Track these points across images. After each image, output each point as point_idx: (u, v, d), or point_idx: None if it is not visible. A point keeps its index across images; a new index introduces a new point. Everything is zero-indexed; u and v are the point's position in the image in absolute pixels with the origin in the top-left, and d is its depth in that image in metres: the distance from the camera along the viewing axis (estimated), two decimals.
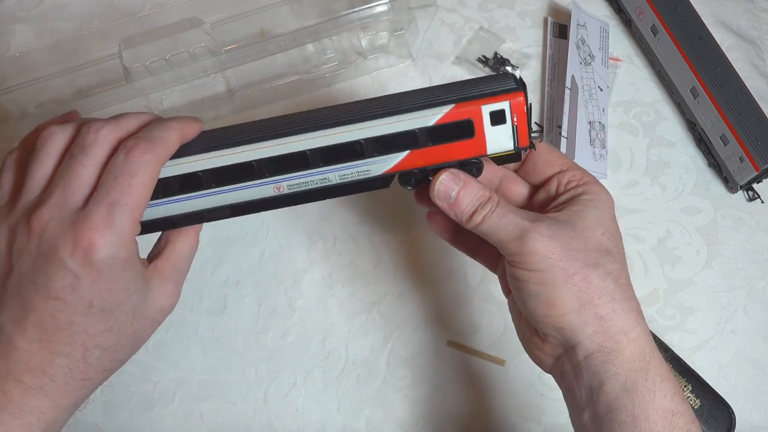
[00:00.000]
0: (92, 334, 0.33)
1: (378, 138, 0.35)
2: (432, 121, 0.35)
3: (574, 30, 0.60)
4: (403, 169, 0.36)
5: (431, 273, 0.54)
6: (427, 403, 0.51)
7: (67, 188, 0.33)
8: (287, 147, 0.35)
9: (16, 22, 0.62)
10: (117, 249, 0.32)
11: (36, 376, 0.32)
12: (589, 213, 0.36)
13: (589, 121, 0.57)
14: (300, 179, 0.36)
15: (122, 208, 0.32)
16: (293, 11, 0.57)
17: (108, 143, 0.33)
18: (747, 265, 0.56)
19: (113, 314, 0.33)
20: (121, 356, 0.35)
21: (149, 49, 0.52)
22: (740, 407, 0.51)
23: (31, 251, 0.32)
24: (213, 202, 0.37)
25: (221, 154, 0.36)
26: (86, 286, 0.32)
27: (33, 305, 0.32)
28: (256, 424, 0.50)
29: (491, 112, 0.36)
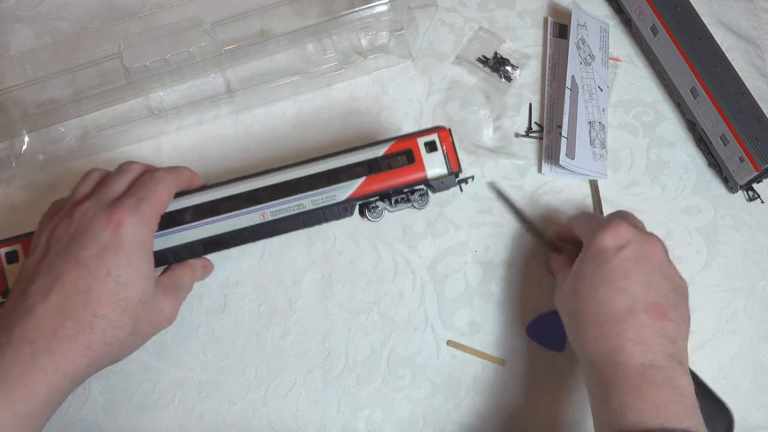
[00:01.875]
0: (103, 303, 0.39)
1: (341, 168, 0.46)
2: (380, 152, 0.47)
3: (574, 30, 0.60)
4: (363, 194, 0.46)
5: (431, 273, 0.54)
6: (427, 403, 0.51)
7: (104, 192, 0.42)
8: (269, 180, 0.46)
9: (16, 22, 0.62)
10: (140, 229, 0.40)
11: (46, 338, 0.37)
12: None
13: (589, 121, 0.57)
14: (281, 206, 0.46)
15: (147, 201, 0.41)
16: (293, 11, 0.57)
17: (136, 171, 0.44)
18: (747, 265, 0.56)
19: (125, 289, 0.39)
20: (121, 335, 0.40)
21: (149, 49, 0.52)
22: (740, 407, 0.52)
23: (69, 233, 0.40)
24: (211, 231, 0.45)
25: (217, 190, 0.46)
26: (109, 255, 0.39)
27: (61, 272, 0.38)
28: (256, 424, 0.50)
29: (425, 142, 0.47)
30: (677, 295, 0.44)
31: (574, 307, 0.44)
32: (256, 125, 0.58)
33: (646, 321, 0.41)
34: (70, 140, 0.56)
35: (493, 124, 0.59)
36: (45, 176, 0.56)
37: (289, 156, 0.57)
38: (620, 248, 0.43)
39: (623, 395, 0.39)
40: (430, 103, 0.60)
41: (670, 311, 0.42)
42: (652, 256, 0.44)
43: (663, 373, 0.39)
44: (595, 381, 0.42)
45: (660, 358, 0.40)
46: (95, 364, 0.40)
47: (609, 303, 0.42)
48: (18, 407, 0.36)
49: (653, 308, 0.41)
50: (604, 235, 0.44)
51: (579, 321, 0.43)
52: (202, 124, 0.58)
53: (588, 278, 0.43)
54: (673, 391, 0.39)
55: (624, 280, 0.42)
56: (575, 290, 0.44)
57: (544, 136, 0.58)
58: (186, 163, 0.56)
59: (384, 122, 0.59)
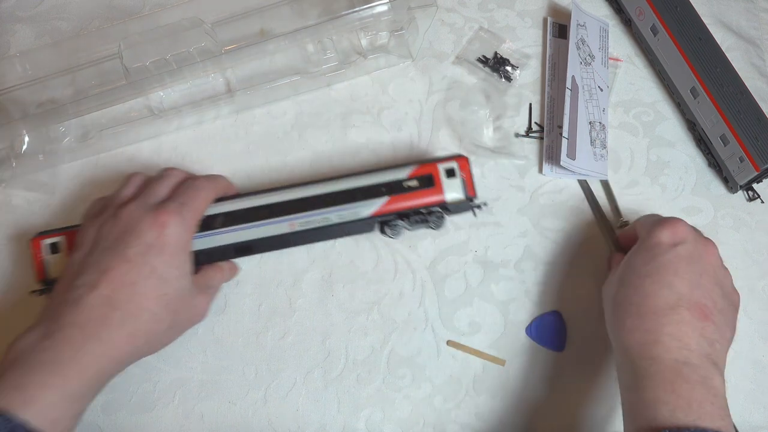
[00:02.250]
0: (147, 297, 0.42)
1: (366, 187, 0.50)
2: (404, 175, 0.50)
3: (573, 30, 0.60)
4: (385, 213, 0.50)
5: (431, 273, 0.54)
6: (427, 403, 0.51)
7: (148, 194, 0.46)
8: (299, 194, 0.49)
9: (16, 22, 0.62)
10: (181, 232, 0.44)
11: (95, 325, 0.40)
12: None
13: (590, 121, 0.57)
14: (308, 218, 0.49)
15: (189, 207, 0.45)
16: (293, 11, 0.57)
17: (177, 177, 0.48)
18: (747, 265, 0.56)
19: (166, 285, 0.43)
20: (159, 329, 0.43)
21: (149, 48, 0.52)
22: (740, 407, 0.52)
23: (116, 231, 0.43)
24: (243, 237, 0.48)
25: (250, 199, 0.49)
26: (154, 254, 0.42)
27: (109, 267, 0.42)
28: (256, 424, 0.50)
29: (445, 169, 0.51)
30: (726, 301, 0.44)
31: (618, 295, 0.44)
32: (256, 125, 0.58)
33: (687, 318, 0.41)
34: (70, 140, 0.56)
35: (493, 124, 0.59)
36: (45, 176, 0.56)
37: (289, 156, 0.57)
38: (675, 245, 0.44)
39: (657, 389, 0.39)
40: (430, 103, 0.60)
41: (714, 314, 0.42)
42: (705, 258, 0.44)
43: (697, 371, 0.39)
44: (629, 372, 0.42)
45: (695, 357, 0.40)
46: (137, 352, 0.43)
47: (653, 296, 0.42)
48: (69, 387, 0.39)
49: (696, 308, 0.42)
50: (662, 230, 0.45)
51: (620, 309, 0.43)
52: (202, 124, 0.58)
53: (637, 269, 0.44)
54: (707, 391, 0.39)
55: (672, 275, 0.42)
56: (623, 279, 0.45)
57: (545, 137, 0.58)
58: (186, 163, 0.57)
59: (384, 122, 0.59)
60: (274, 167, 0.57)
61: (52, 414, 0.38)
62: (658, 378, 0.40)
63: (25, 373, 0.38)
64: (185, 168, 0.56)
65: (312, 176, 0.54)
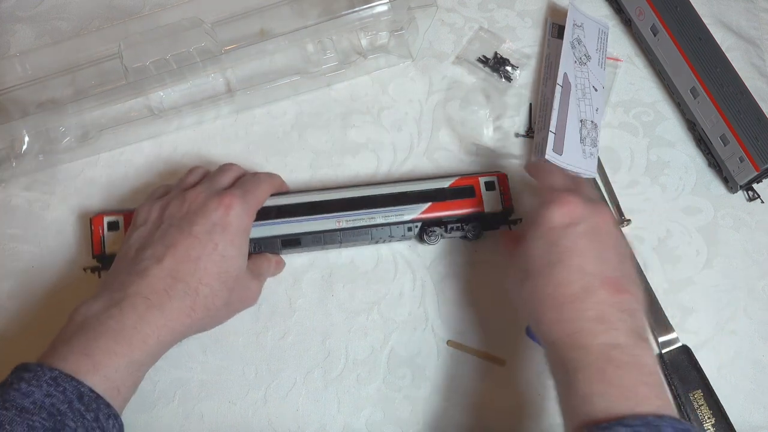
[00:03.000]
0: (209, 273, 0.44)
1: (411, 192, 0.52)
2: (446, 184, 0.53)
3: (569, 29, 0.60)
4: (427, 217, 0.52)
5: (431, 273, 0.54)
6: (427, 403, 0.51)
7: (214, 182, 0.48)
8: (347, 194, 0.52)
9: (16, 22, 0.62)
10: (243, 216, 0.46)
11: (159, 296, 0.42)
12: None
13: (581, 119, 0.57)
14: (355, 216, 0.52)
15: (251, 195, 0.48)
16: (293, 11, 0.57)
17: (238, 171, 0.51)
18: (747, 265, 0.56)
19: (226, 263, 0.45)
20: (215, 305, 0.45)
21: (149, 48, 0.52)
22: (740, 407, 0.52)
23: (182, 210, 0.46)
24: (292, 229, 0.51)
25: (301, 195, 0.52)
26: (218, 232, 0.45)
27: (174, 242, 0.44)
28: (256, 424, 0.50)
29: (485, 182, 0.54)
30: (628, 264, 0.43)
31: (528, 289, 0.43)
32: (256, 125, 0.58)
33: (604, 297, 0.40)
34: (70, 140, 0.56)
35: (493, 123, 0.59)
36: (45, 176, 0.56)
37: (289, 156, 0.57)
38: (570, 225, 0.42)
39: (590, 382, 0.38)
40: (430, 103, 0.60)
41: (625, 283, 0.41)
42: (602, 229, 0.43)
43: (626, 352, 0.39)
44: (560, 367, 0.40)
45: (622, 335, 0.39)
46: (194, 326, 0.44)
47: (566, 283, 0.41)
48: (133, 354, 0.41)
49: (609, 283, 0.41)
50: (556, 211, 0.43)
51: (536, 304, 0.42)
52: (202, 124, 0.58)
53: (540, 259, 0.42)
54: (639, 371, 0.38)
55: (579, 258, 0.41)
56: (527, 272, 0.43)
57: (535, 134, 0.58)
58: (186, 162, 0.57)
59: (384, 122, 0.59)
60: (274, 167, 0.57)
61: (115, 380, 0.40)
62: (588, 369, 0.38)
63: (92, 339, 0.40)
64: (185, 168, 0.57)
65: (349, 181, 0.56)
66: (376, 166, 0.57)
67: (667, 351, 0.52)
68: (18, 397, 0.37)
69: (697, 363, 0.52)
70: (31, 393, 0.37)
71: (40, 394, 0.37)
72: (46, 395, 0.37)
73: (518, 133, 0.59)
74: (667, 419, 0.36)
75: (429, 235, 0.52)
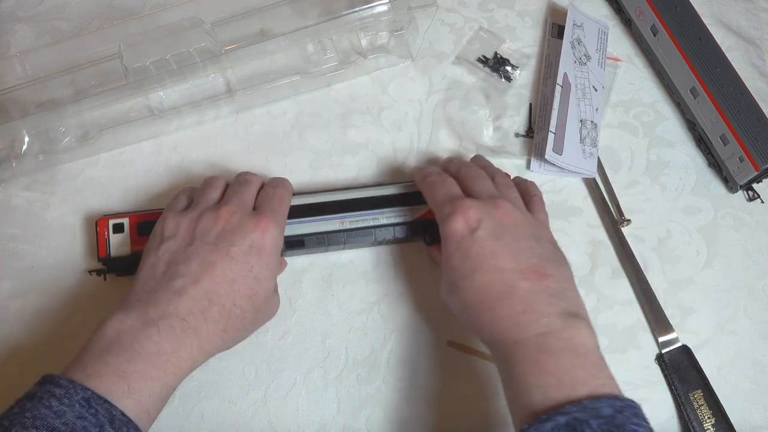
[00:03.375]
0: (242, 295, 0.44)
1: (414, 193, 0.52)
2: None
3: (569, 29, 0.60)
4: (429, 217, 0.51)
5: (431, 273, 0.54)
6: (427, 403, 0.51)
7: (241, 198, 0.47)
8: (350, 195, 0.52)
9: (16, 22, 0.62)
10: (277, 237, 0.46)
11: (195, 318, 0.42)
12: None
13: (581, 119, 0.57)
14: (358, 217, 0.52)
15: (279, 214, 0.48)
16: (293, 11, 0.57)
17: (257, 183, 0.50)
18: (747, 265, 0.56)
19: (258, 285, 0.44)
20: (244, 326, 0.45)
21: (149, 49, 0.52)
22: (740, 407, 0.52)
23: (217, 228, 0.45)
24: (295, 231, 0.51)
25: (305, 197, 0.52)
26: (254, 254, 0.44)
27: (212, 262, 0.43)
28: (256, 424, 0.50)
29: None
30: (544, 247, 0.44)
31: (459, 300, 0.44)
32: (256, 125, 0.58)
33: (529, 287, 0.41)
34: (70, 140, 0.56)
35: (493, 123, 0.59)
36: (45, 176, 0.56)
37: (289, 156, 0.57)
38: (474, 230, 0.43)
39: (527, 375, 0.38)
40: (430, 103, 0.60)
41: (546, 266, 0.42)
42: (505, 222, 0.44)
43: (559, 336, 0.39)
44: (501, 364, 0.41)
45: (554, 320, 0.40)
46: (222, 346, 0.44)
47: (489, 286, 0.42)
48: (167, 379, 0.40)
49: (529, 273, 0.42)
50: (455, 224, 0.44)
51: (471, 312, 0.43)
52: (202, 124, 0.58)
53: (460, 270, 0.43)
54: (574, 353, 0.39)
55: (492, 259, 0.42)
56: (454, 285, 0.44)
57: (535, 134, 0.58)
58: (186, 163, 0.57)
59: (384, 122, 0.59)
60: (274, 167, 0.57)
61: (147, 404, 0.39)
62: (525, 363, 0.39)
63: (128, 360, 0.39)
64: (185, 168, 0.57)
65: (349, 181, 0.56)
66: (376, 167, 0.57)
67: (667, 351, 0.52)
68: (49, 416, 0.35)
69: (697, 363, 0.52)
70: (63, 413, 0.35)
71: (72, 416, 0.35)
72: (78, 417, 0.35)
73: (518, 133, 0.59)
74: (604, 400, 0.36)
75: (432, 235, 0.52)
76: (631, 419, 0.35)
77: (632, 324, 0.53)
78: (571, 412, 0.35)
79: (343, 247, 0.53)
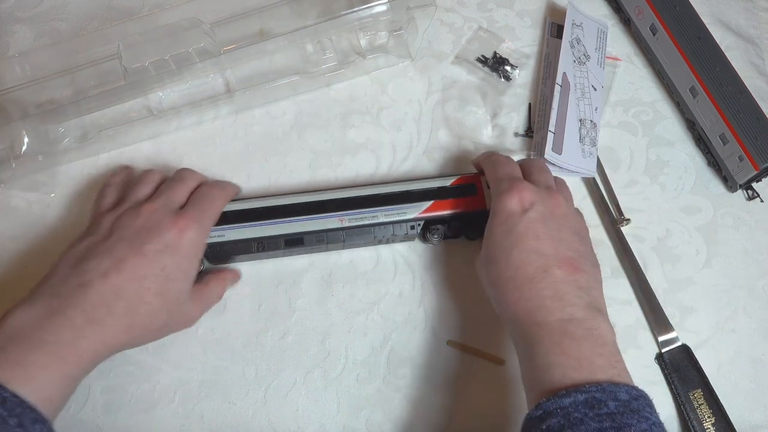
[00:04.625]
0: (151, 292, 0.44)
1: (413, 191, 0.52)
2: (448, 183, 0.53)
3: (568, 29, 0.60)
4: (429, 215, 0.52)
5: (431, 273, 0.54)
6: (427, 403, 0.51)
7: (170, 196, 0.48)
8: (350, 193, 0.52)
9: (16, 22, 0.62)
10: (198, 238, 0.46)
11: (98, 312, 0.42)
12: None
13: (580, 119, 0.57)
14: (357, 215, 0.51)
15: (207, 215, 0.48)
16: (292, 11, 0.57)
17: (194, 181, 0.50)
18: (747, 265, 0.56)
19: (170, 285, 0.44)
20: (154, 325, 0.45)
21: (149, 49, 0.52)
22: (740, 406, 0.52)
23: (135, 225, 0.45)
24: (295, 228, 0.51)
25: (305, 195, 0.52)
26: (168, 254, 0.44)
27: (123, 258, 0.43)
28: (256, 424, 0.50)
29: (487, 180, 0.51)
30: (584, 245, 0.46)
31: (492, 273, 0.45)
32: (255, 125, 0.58)
33: (561, 276, 0.43)
34: (70, 141, 0.56)
35: (492, 123, 0.59)
36: (44, 177, 0.56)
37: (288, 157, 0.57)
38: (525, 210, 0.45)
39: (547, 354, 0.40)
40: (430, 103, 0.60)
41: (581, 262, 0.44)
42: (556, 212, 0.46)
43: (582, 325, 0.41)
44: (521, 342, 0.43)
45: (579, 310, 0.41)
46: (130, 343, 0.44)
47: (523, 266, 0.43)
48: (66, 370, 0.41)
49: (565, 263, 0.43)
50: (509, 200, 0.45)
51: (499, 287, 0.44)
52: (201, 124, 0.58)
53: (500, 244, 0.45)
54: (594, 342, 0.40)
55: (534, 241, 0.44)
56: (490, 258, 0.45)
57: (534, 134, 0.59)
58: (186, 163, 0.57)
59: (384, 122, 0.59)
60: (273, 167, 0.57)
61: (48, 391, 0.40)
62: (546, 342, 0.41)
63: (27, 349, 0.40)
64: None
65: (349, 181, 0.56)
66: (376, 166, 0.57)
67: (666, 350, 0.52)
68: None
69: (696, 362, 0.52)
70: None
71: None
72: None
73: (517, 132, 0.59)
74: (622, 386, 0.38)
75: (432, 233, 0.52)
76: (645, 408, 0.37)
77: (632, 323, 0.53)
78: (591, 391, 0.37)
79: (343, 246, 0.53)
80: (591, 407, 0.36)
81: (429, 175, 0.56)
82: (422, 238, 0.53)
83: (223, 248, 0.50)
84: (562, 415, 0.37)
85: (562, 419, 0.37)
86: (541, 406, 0.38)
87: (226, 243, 0.50)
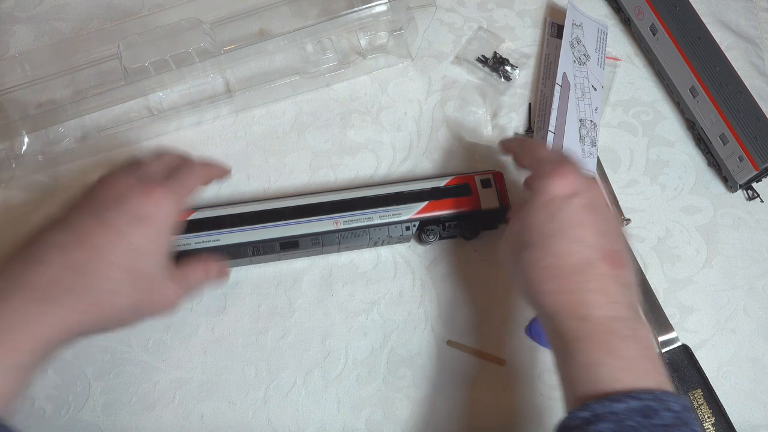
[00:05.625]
0: (116, 267, 0.39)
1: (407, 192, 0.53)
2: (442, 183, 0.53)
3: (568, 29, 0.60)
4: (424, 216, 0.52)
5: (431, 273, 0.54)
6: (427, 403, 0.51)
7: (144, 170, 0.43)
8: (344, 195, 0.52)
9: (16, 22, 0.62)
10: (169, 208, 0.41)
11: (52, 289, 0.37)
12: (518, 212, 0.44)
13: (580, 119, 0.57)
14: (352, 217, 0.51)
15: (180, 185, 0.43)
16: (293, 11, 0.57)
17: (172, 158, 0.46)
18: (747, 264, 0.56)
19: (139, 259, 0.40)
20: (120, 304, 0.40)
21: (149, 49, 0.52)
22: (740, 406, 0.52)
23: (98, 196, 0.41)
24: (289, 231, 0.51)
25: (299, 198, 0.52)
26: (134, 224, 0.40)
27: (83, 228, 0.39)
28: (256, 424, 0.50)
29: (481, 179, 0.54)
30: (623, 239, 0.43)
31: (525, 258, 0.41)
32: (255, 125, 0.58)
33: (606, 270, 0.40)
34: (70, 141, 0.56)
35: (492, 123, 0.59)
36: (44, 177, 0.56)
37: (288, 157, 0.57)
38: (571, 196, 0.41)
39: (592, 351, 0.37)
40: (430, 103, 0.60)
41: (624, 258, 0.41)
42: (599, 201, 0.42)
43: (627, 325, 0.38)
44: (559, 337, 0.39)
45: (623, 308, 0.39)
46: (94, 325, 0.40)
47: (566, 255, 0.40)
48: (17, 358, 0.36)
49: (610, 256, 0.40)
50: (554, 183, 0.41)
51: (535, 274, 0.41)
52: (201, 124, 0.58)
53: (539, 228, 0.41)
54: (639, 344, 0.38)
55: (579, 229, 0.40)
56: (524, 241, 0.42)
57: (534, 134, 0.59)
58: None
59: (383, 122, 0.59)
60: (273, 167, 0.57)
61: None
62: (591, 339, 0.38)
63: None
64: None
65: (348, 181, 0.56)
66: (376, 166, 0.57)
67: (666, 350, 0.52)
68: None
69: (696, 362, 0.52)
70: None
71: None
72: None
73: (517, 132, 0.59)
74: (672, 395, 0.36)
75: (427, 233, 0.52)
76: (693, 420, 0.36)
77: None
78: (645, 399, 0.35)
79: (338, 249, 0.53)
80: (645, 416, 0.34)
81: (424, 176, 0.56)
82: (417, 239, 0.53)
83: (218, 253, 0.50)
84: (614, 420, 0.34)
85: (614, 425, 0.34)
86: (588, 407, 0.35)
87: (220, 247, 0.50)
